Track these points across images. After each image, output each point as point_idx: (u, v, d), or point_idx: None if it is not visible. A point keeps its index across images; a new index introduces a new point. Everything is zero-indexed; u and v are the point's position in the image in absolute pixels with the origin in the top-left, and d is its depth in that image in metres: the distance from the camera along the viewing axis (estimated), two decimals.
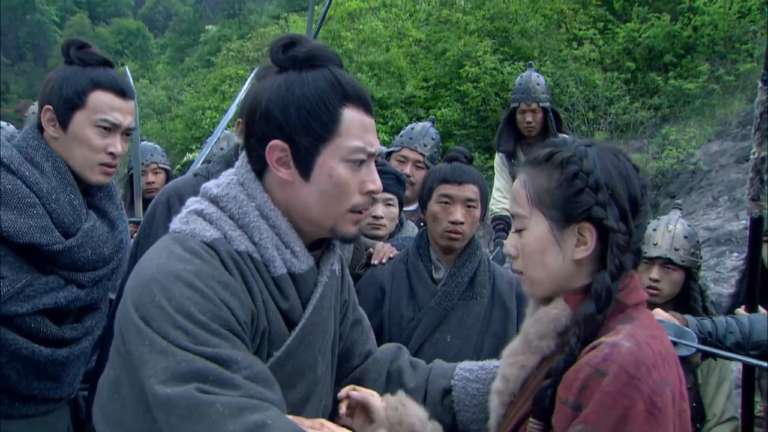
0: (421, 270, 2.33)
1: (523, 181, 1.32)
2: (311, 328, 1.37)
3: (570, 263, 1.27)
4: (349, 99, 1.29)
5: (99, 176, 1.89)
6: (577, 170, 1.24)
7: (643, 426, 1.10)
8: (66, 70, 1.86)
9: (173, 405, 1.10)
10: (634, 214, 1.26)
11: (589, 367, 1.15)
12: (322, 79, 1.28)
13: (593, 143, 1.31)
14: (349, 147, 1.29)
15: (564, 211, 1.25)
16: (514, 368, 1.33)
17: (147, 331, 1.15)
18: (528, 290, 1.36)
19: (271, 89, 1.29)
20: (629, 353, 1.13)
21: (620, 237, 1.23)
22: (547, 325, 1.28)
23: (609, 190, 1.24)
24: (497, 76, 11.79)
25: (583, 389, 1.14)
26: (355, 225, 1.36)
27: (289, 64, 1.30)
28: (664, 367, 1.16)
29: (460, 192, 2.28)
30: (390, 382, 1.61)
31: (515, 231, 1.34)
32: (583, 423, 1.12)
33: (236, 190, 1.32)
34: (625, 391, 1.10)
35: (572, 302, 1.27)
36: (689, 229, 2.63)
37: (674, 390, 1.17)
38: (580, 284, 1.28)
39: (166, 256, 1.23)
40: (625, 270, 1.24)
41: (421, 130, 3.26)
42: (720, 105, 10.29)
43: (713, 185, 8.20)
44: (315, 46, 1.31)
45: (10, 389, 1.79)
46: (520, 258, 1.33)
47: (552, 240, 1.27)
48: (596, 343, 1.18)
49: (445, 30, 14.03)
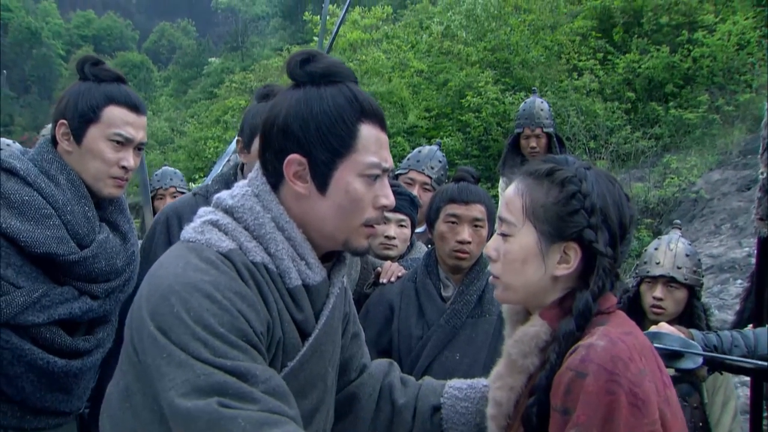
0: (429, 288, 2.34)
1: (520, 190, 1.34)
2: (324, 338, 1.38)
3: (548, 278, 1.31)
4: (366, 115, 1.31)
5: (111, 189, 1.93)
6: (576, 191, 1.28)
7: (628, 418, 1.13)
8: (81, 85, 1.91)
9: (194, 419, 1.10)
10: (621, 241, 1.30)
11: (570, 371, 1.18)
12: (340, 95, 1.30)
13: (591, 167, 1.35)
14: (365, 162, 1.30)
15: (556, 228, 1.29)
16: (503, 391, 1.35)
17: (165, 343, 1.15)
18: (499, 295, 1.39)
19: (289, 103, 1.31)
20: (604, 351, 1.17)
21: (607, 261, 1.26)
22: (528, 343, 1.30)
23: (602, 215, 1.28)
24: (499, 106, 11.87)
25: (567, 393, 1.18)
26: (367, 239, 1.37)
27: (306, 79, 1.32)
28: (640, 359, 1.19)
29: (467, 212, 2.30)
30: (381, 398, 1.62)
31: (500, 234, 1.36)
32: (576, 427, 1.15)
33: (252, 201, 1.33)
34: (607, 387, 1.14)
35: (548, 317, 1.30)
36: (690, 248, 2.66)
37: (655, 380, 1.20)
38: (553, 299, 1.32)
39: (183, 265, 1.23)
40: (604, 293, 1.28)
41: (428, 153, 3.30)
42: (720, 135, 10.35)
43: (716, 213, 8.22)
44: (332, 62, 1.33)
45: (22, 401, 1.80)
46: (499, 263, 1.36)
47: (537, 252, 1.30)
48: (574, 348, 1.22)
49: (446, 61, 14.15)
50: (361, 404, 1.61)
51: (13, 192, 1.75)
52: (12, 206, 1.73)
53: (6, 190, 1.74)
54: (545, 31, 13.79)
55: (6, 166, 1.78)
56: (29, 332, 1.76)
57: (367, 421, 1.61)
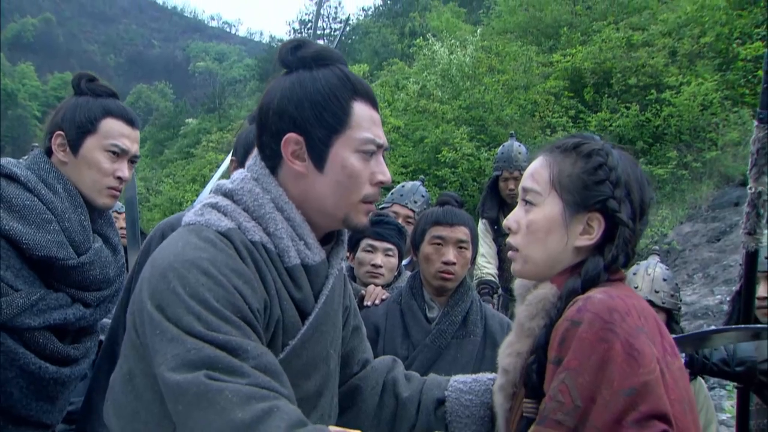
0: (415, 309, 2.37)
1: (548, 161, 1.37)
2: (324, 318, 1.40)
3: (569, 249, 1.33)
4: (358, 93, 1.36)
5: (106, 199, 1.96)
6: (602, 162, 1.32)
7: (623, 367, 1.12)
8: (78, 99, 1.96)
9: (182, 392, 1.11)
10: (640, 218, 1.34)
11: (566, 321, 1.20)
12: (332, 76, 1.35)
13: (616, 147, 1.39)
14: (360, 138, 1.34)
15: (581, 197, 1.31)
16: (511, 358, 1.35)
17: (160, 320, 1.17)
18: (518, 269, 1.40)
19: (283, 87, 1.35)
20: (601, 302, 1.18)
21: (628, 232, 1.29)
22: (536, 305, 1.32)
23: (626, 189, 1.31)
24: (474, 162, 12.09)
25: (562, 342, 1.18)
26: (366, 215, 1.40)
27: (298, 64, 1.37)
28: (639, 318, 1.20)
29: (452, 233, 2.34)
30: (385, 392, 1.63)
31: (524, 205, 1.39)
32: (566, 371, 1.15)
33: (251, 184, 1.36)
34: (601, 335, 1.14)
35: (558, 282, 1.32)
36: (668, 273, 2.74)
37: (654, 342, 1.19)
38: (568, 266, 1.34)
39: (182, 245, 1.26)
40: (617, 265, 1.31)
41: (411, 187, 3.39)
42: (689, 190, 10.63)
43: (688, 263, 8.39)
44: (322, 47, 1.40)
45: (8, 409, 1.78)
46: (520, 234, 1.38)
47: (561, 222, 1.32)
48: (573, 302, 1.24)
49: (422, 119, 14.45)
50: (364, 397, 1.62)
51: (15, 196, 1.77)
52: (13, 210, 1.75)
53: (7, 195, 1.76)
54: (519, 90, 14.16)
55: (6, 172, 1.81)
56: (23, 336, 1.76)
57: (370, 414, 1.61)
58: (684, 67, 12.88)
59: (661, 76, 12.67)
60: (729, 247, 8.21)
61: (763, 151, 2.06)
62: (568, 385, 1.14)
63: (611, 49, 13.50)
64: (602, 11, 15.94)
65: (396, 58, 22.32)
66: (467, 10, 26.66)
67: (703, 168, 10.91)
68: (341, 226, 1.43)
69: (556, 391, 1.16)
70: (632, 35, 13.84)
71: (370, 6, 48.65)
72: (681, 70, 12.73)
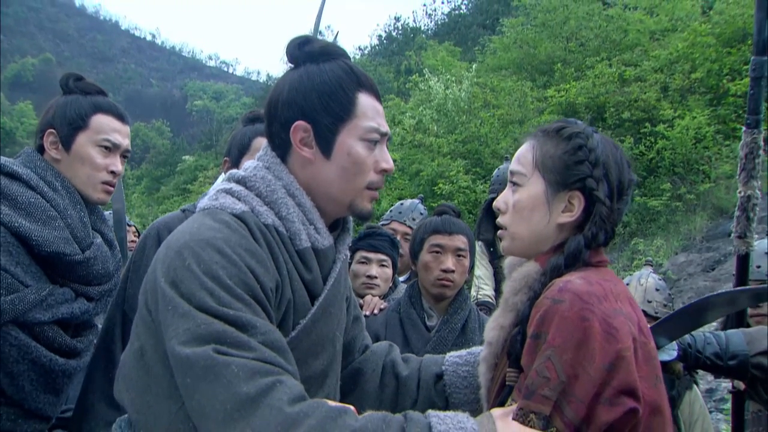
0: (414, 318, 2.40)
1: (532, 144, 1.45)
2: (332, 300, 1.46)
3: (552, 226, 1.40)
4: (362, 85, 1.44)
5: (101, 194, 2.00)
6: (582, 144, 1.40)
7: (602, 344, 1.18)
8: (67, 97, 2.00)
9: (191, 365, 1.15)
10: (618, 198, 1.41)
11: (546, 300, 1.26)
12: (338, 68, 1.43)
13: (598, 132, 1.47)
14: (365, 127, 1.42)
15: (562, 176, 1.39)
16: (495, 331, 1.42)
17: (172, 296, 1.21)
18: (506, 246, 1.47)
19: (291, 80, 1.43)
20: (580, 286, 1.25)
21: (604, 209, 1.37)
22: (520, 281, 1.39)
23: (604, 169, 1.39)
24: (470, 194, 12.18)
25: (542, 319, 1.24)
26: (370, 202, 1.48)
27: (305, 58, 1.45)
28: (615, 302, 1.26)
29: (451, 242, 2.40)
30: (384, 373, 1.69)
31: (511, 186, 1.47)
32: (552, 348, 1.20)
33: (263, 172, 1.43)
34: (581, 314, 1.20)
35: (542, 260, 1.40)
36: (661, 283, 2.79)
37: (631, 323, 1.25)
38: (552, 246, 1.41)
39: (197, 226, 1.30)
40: (597, 242, 1.37)
41: (410, 205, 3.44)
42: (684, 221, 10.73)
43: (683, 292, 8.42)
44: (327, 42, 1.49)
45: (18, 402, 1.81)
46: (508, 213, 1.46)
47: (544, 201, 1.40)
48: (552, 284, 1.30)
49: (419, 153, 14.58)
50: (366, 378, 1.68)
51: (20, 194, 1.81)
52: (19, 207, 1.79)
53: (12, 192, 1.80)
54: (514, 124, 14.35)
55: (7, 170, 1.84)
56: (33, 331, 1.79)
57: (372, 395, 1.67)
58: (676, 102, 13.09)
59: (654, 110, 12.87)
60: (724, 275, 8.26)
61: (751, 155, 2.11)
62: (553, 361, 1.20)
63: (604, 84, 13.74)
64: (595, 48, 16.25)
65: (392, 95, 22.58)
66: (462, 49, 27.09)
67: (696, 200, 11.03)
68: (347, 212, 1.49)
69: (542, 367, 1.21)
70: (625, 71, 14.10)
71: (366, 46, 49.19)
72: (673, 104, 12.94)
